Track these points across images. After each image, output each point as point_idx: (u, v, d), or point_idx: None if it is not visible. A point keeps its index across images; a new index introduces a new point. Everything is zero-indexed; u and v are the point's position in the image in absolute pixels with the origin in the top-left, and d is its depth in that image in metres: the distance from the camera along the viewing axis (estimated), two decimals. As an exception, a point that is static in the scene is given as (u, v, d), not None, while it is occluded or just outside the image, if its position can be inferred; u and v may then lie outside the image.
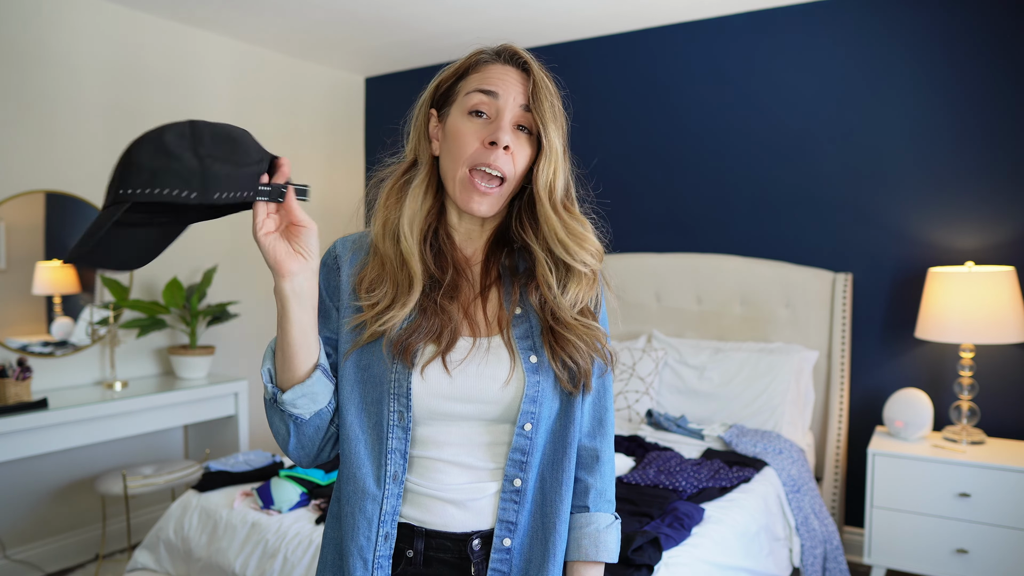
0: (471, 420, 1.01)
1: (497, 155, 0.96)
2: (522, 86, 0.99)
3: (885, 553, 2.73)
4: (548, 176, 0.98)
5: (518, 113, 0.98)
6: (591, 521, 1.07)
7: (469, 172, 0.97)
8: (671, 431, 2.96)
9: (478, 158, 0.97)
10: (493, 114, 0.98)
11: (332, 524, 1.07)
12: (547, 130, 0.98)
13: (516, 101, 0.98)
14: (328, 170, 4.35)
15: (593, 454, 1.09)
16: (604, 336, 1.04)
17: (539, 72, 1.00)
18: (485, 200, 0.98)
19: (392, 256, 1.00)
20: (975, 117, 2.88)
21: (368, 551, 0.99)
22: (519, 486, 1.01)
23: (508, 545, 1.01)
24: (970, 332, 2.65)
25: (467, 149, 0.97)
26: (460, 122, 0.99)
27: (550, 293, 1.00)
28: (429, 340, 0.98)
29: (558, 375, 1.01)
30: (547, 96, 0.99)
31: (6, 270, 2.96)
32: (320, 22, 3.50)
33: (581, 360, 1.01)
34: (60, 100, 3.07)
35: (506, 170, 0.97)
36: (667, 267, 3.46)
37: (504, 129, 0.96)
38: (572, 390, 1.02)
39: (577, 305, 1.02)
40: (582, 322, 1.02)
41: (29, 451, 2.65)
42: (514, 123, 0.98)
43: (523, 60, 1.01)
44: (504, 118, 0.97)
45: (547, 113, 0.98)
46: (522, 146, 0.99)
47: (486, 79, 0.99)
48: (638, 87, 3.62)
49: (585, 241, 1.01)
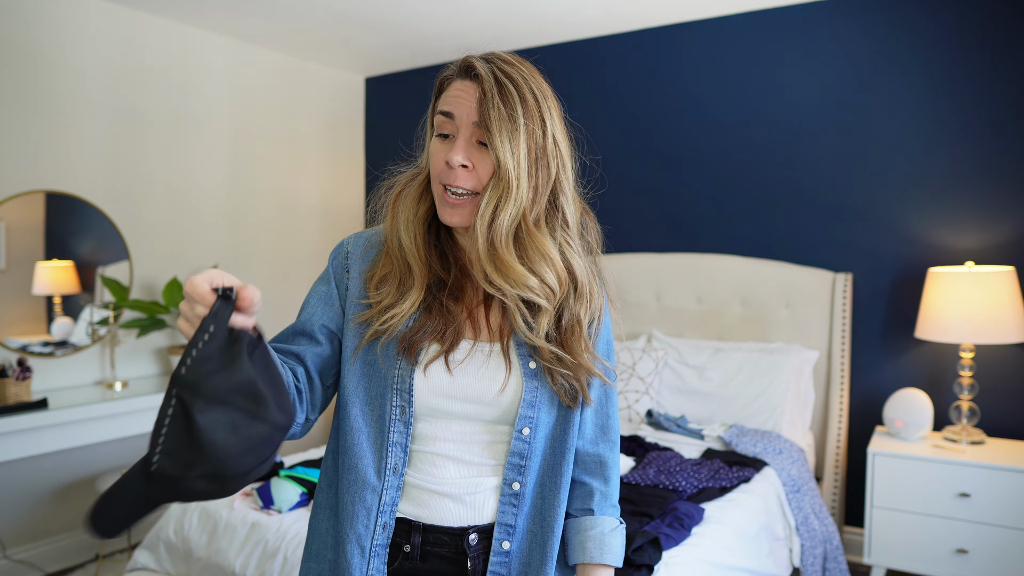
0: (470, 419, 1.02)
1: (456, 175, 0.96)
2: (475, 100, 0.95)
3: (885, 553, 2.73)
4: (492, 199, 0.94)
5: (473, 130, 0.95)
6: (596, 524, 1.09)
7: (443, 188, 0.98)
8: (671, 431, 2.96)
9: (443, 177, 0.97)
10: (455, 133, 0.97)
11: (320, 515, 1.08)
12: (494, 145, 0.93)
13: (469, 118, 0.95)
14: (328, 170, 4.34)
15: (598, 459, 1.11)
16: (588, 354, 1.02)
17: (490, 81, 0.94)
18: (456, 211, 0.97)
19: (398, 256, 1.03)
20: (975, 117, 2.88)
21: (366, 539, 1.01)
22: (517, 490, 1.03)
23: (507, 548, 1.02)
24: (970, 332, 2.65)
25: (436, 169, 0.99)
26: (433, 143, 1.00)
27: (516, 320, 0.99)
28: (433, 339, 1.01)
29: (555, 389, 1.03)
30: (497, 107, 0.92)
31: (6, 270, 2.96)
32: (320, 22, 3.50)
33: (573, 381, 1.02)
34: (61, 100, 3.07)
35: (468, 186, 0.96)
36: (667, 267, 3.46)
37: (457, 149, 0.95)
38: (571, 404, 1.04)
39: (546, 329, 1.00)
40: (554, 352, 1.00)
41: (29, 451, 2.65)
42: (473, 140, 0.96)
43: (474, 71, 0.96)
44: (459, 138, 0.96)
45: (494, 126, 0.92)
46: (484, 161, 0.95)
47: (446, 100, 0.98)
48: (638, 87, 3.62)
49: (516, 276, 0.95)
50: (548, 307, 0.98)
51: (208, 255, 3.66)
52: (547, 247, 0.97)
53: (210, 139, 3.68)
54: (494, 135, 0.92)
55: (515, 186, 0.93)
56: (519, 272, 0.95)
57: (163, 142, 3.46)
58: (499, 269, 0.95)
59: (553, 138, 0.98)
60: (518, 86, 0.95)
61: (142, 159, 3.38)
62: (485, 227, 0.94)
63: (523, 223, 0.96)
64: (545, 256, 0.97)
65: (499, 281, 0.95)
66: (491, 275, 0.95)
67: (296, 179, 4.14)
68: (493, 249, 0.95)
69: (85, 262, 3.21)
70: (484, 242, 0.94)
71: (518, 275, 0.95)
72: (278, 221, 4.04)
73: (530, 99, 0.95)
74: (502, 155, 0.92)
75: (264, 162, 3.96)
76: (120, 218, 3.29)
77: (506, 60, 0.98)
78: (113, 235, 3.26)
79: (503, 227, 0.94)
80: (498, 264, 0.95)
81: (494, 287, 0.97)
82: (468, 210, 0.97)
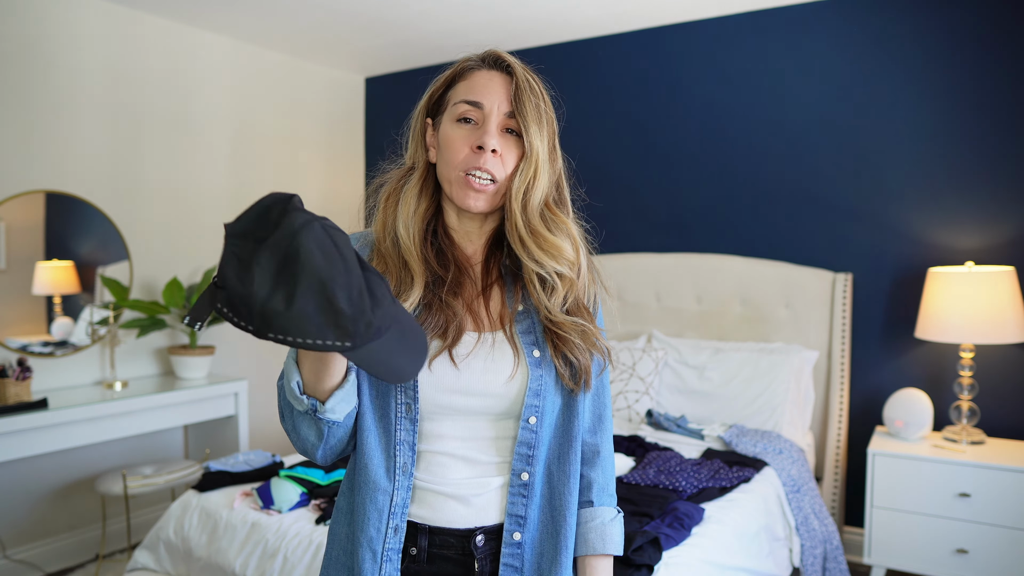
0: (476, 414, 1.03)
1: (486, 159, 0.99)
2: (507, 91, 1.02)
3: (885, 553, 2.73)
4: (524, 181, 1.01)
5: (503, 119, 1.01)
6: (596, 515, 1.10)
7: (464, 175, 1.01)
8: (671, 431, 2.96)
9: (469, 162, 1.00)
10: (480, 120, 1.01)
11: (339, 519, 1.08)
12: (529, 133, 1.01)
13: (501, 108, 1.01)
14: (328, 170, 4.35)
15: (594, 449, 1.12)
16: (599, 333, 1.07)
17: (523, 75, 1.02)
18: (480, 197, 1.01)
19: (393, 255, 1.04)
20: (975, 117, 2.88)
21: (377, 543, 1.00)
22: (527, 480, 1.03)
23: (518, 539, 1.02)
24: (970, 332, 2.65)
25: (459, 155, 1.01)
26: (451, 129, 1.02)
27: (536, 294, 1.04)
28: (435, 335, 1.01)
29: (560, 371, 1.04)
30: (531, 99, 1.01)
31: (6, 270, 2.96)
32: (320, 22, 3.50)
33: (581, 356, 1.04)
34: (60, 100, 3.07)
35: (495, 172, 1.00)
36: (667, 267, 3.46)
37: (490, 134, 1.00)
38: (574, 387, 1.05)
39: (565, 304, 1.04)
40: (574, 321, 1.04)
41: (29, 451, 2.65)
42: (501, 127, 1.02)
43: (507, 64, 1.04)
44: (491, 123, 1.00)
45: (530, 115, 1.01)
46: (511, 149, 1.02)
47: (471, 88, 1.02)
48: (638, 87, 3.62)
49: (554, 249, 1.02)
50: (574, 276, 1.04)
51: (208, 255, 3.66)
52: (567, 223, 1.05)
53: (210, 139, 3.68)
54: (530, 123, 1.00)
55: (542, 171, 1.02)
56: (557, 244, 1.02)
57: (163, 142, 3.46)
58: (539, 243, 1.01)
59: (558, 134, 1.07)
60: (539, 83, 1.05)
61: (142, 159, 3.38)
62: (520, 207, 1.01)
63: (546, 204, 1.04)
64: (567, 232, 1.04)
65: (541, 255, 1.01)
66: (532, 249, 1.01)
67: (296, 179, 4.14)
68: (531, 226, 1.02)
69: (85, 262, 3.21)
70: (522, 220, 1.01)
71: (557, 247, 1.02)
72: (278, 221, 4.04)
73: (546, 97, 1.05)
74: (535, 141, 1.01)
75: (264, 162, 3.96)
76: (120, 218, 3.29)
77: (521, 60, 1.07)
78: (113, 235, 3.26)
79: (536, 206, 1.02)
80: (538, 239, 1.01)
81: (536, 262, 1.02)
82: (490, 195, 1.01)
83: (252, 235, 0.78)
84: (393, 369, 0.82)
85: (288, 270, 0.75)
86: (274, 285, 0.75)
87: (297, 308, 0.74)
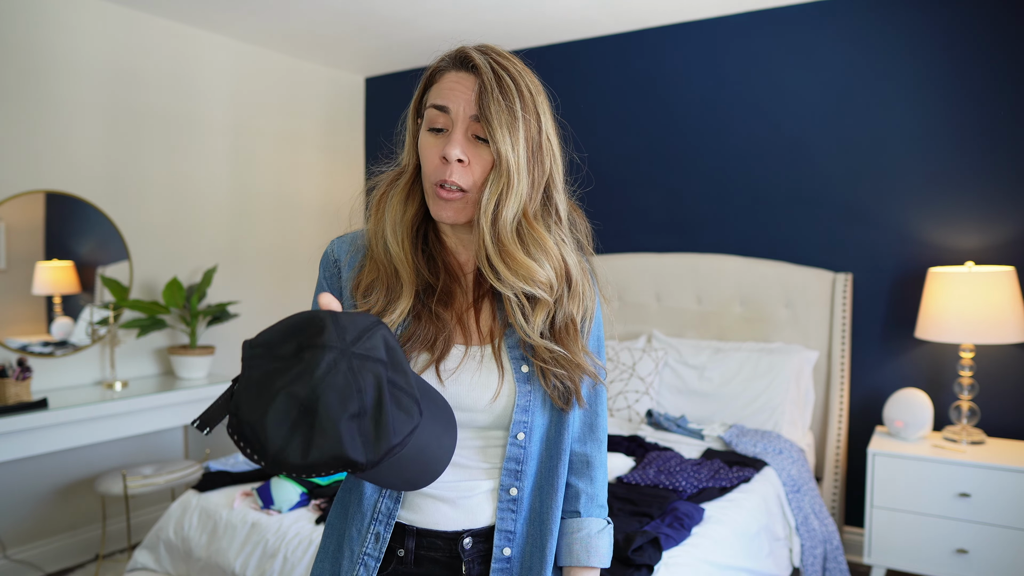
0: (463, 426, 1.01)
1: (451, 170, 0.93)
2: (474, 93, 0.93)
3: (885, 553, 2.73)
4: (494, 193, 0.92)
5: (469, 124, 0.93)
6: (582, 527, 1.08)
7: (435, 186, 0.95)
8: (671, 431, 2.96)
9: (436, 175, 0.94)
10: (449, 127, 0.95)
11: (336, 512, 1.09)
12: (495, 139, 0.91)
13: (467, 111, 0.93)
14: (328, 170, 4.34)
15: (584, 459, 1.09)
16: (583, 353, 1.02)
17: (489, 73, 0.92)
18: (448, 206, 0.95)
19: (384, 260, 1.00)
20: (975, 117, 2.88)
21: (356, 543, 1.01)
22: (515, 495, 1.02)
23: (508, 555, 1.02)
24: (970, 332, 2.65)
25: (429, 165, 0.95)
26: (424, 138, 0.97)
27: (513, 315, 0.98)
28: (423, 348, 0.98)
29: (548, 392, 1.01)
30: (498, 100, 0.91)
31: (6, 270, 2.96)
32: (320, 22, 3.50)
33: (567, 382, 1.00)
34: (60, 100, 3.07)
35: (463, 183, 0.94)
36: (667, 267, 3.46)
37: (453, 143, 0.92)
38: (564, 407, 1.02)
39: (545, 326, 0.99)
40: (549, 348, 0.98)
41: (29, 451, 2.65)
42: (469, 134, 0.94)
43: (472, 62, 0.94)
44: (455, 132, 0.93)
45: (497, 119, 0.91)
46: (480, 156, 0.94)
47: (440, 92, 0.95)
48: (638, 87, 3.62)
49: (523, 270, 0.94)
50: (548, 299, 0.97)
51: (208, 255, 3.66)
52: (547, 240, 0.96)
53: (210, 139, 3.68)
54: (495, 128, 0.91)
55: (516, 179, 0.93)
56: (528, 265, 0.94)
57: (163, 142, 3.46)
58: (508, 264, 0.94)
59: (546, 133, 0.97)
60: (514, 79, 0.94)
61: (142, 159, 3.38)
62: (489, 222, 0.93)
63: (524, 217, 0.95)
64: (545, 249, 0.96)
65: (509, 276, 0.94)
66: (500, 270, 0.94)
67: (296, 179, 4.14)
68: (500, 244, 0.94)
69: (85, 262, 3.21)
70: (490, 237, 0.93)
71: (527, 268, 0.94)
72: (278, 221, 4.04)
73: (526, 93, 0.94)
74: (503, 148, 0.91)
75: (264, 162, 3.96)
76: (120, 218, 3.29)
77: (500, 53, 0.96)
78: (113, 235, 3.26)
79: (508, 221, 0.93)
80: (506, 259, 0.94)
81: (503, 283, 0.95)
82: (461, 205, 0.95)
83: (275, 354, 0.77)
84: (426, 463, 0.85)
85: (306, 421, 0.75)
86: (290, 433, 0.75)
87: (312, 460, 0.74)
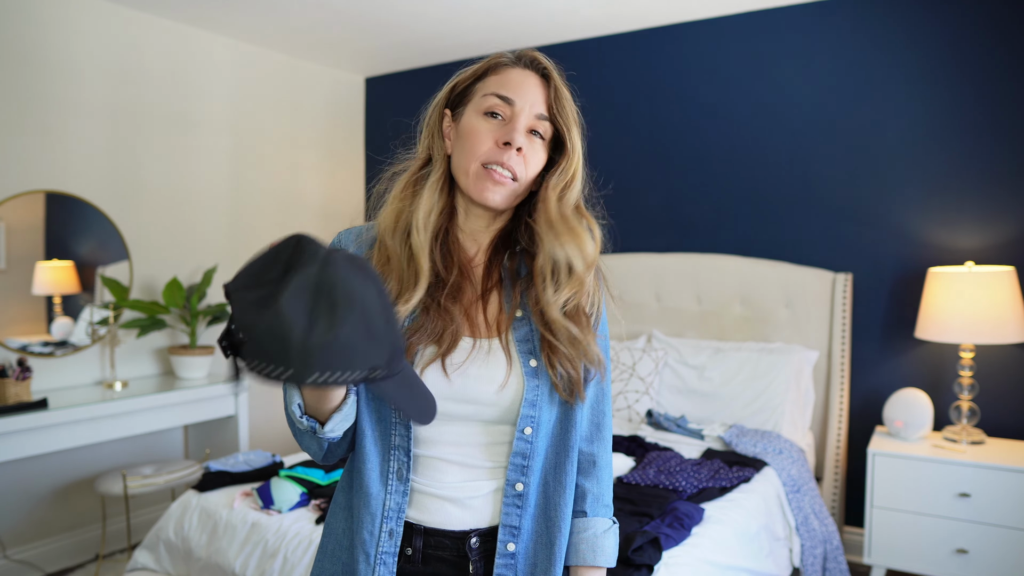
0: (469, 420, 1.01)
1: (510, 155, 0.98)
2: (540, 93, 1.01)
3: (885, 553, 2.73)
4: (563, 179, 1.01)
5: (533, 120, 1.00)
6: (588, 526, 1.08)
7: (483, 167, 0.99)
8: (671, 431, 2.96)
9: (491, 156, 0.99)
10: (508, 117, 1.00)
11: (337, 515, 1.08)
12: (571, 133, 1.01)
13: (532, 108, 1.00)
14: (328, 170, 4.34)
15: (591, 459, 1.10)
16: (593, 340, 1.03)
17: (559, 79, 1.03)
18: (499, 189, 0.99)
19: (399, 251, 1.01)
20: (975, 117, 2.88)
21: (371, 545, 1.00)
22: (521, 490, 1.02)
23: (512, 550, 1.01)
24: (970, 332, 2.65)
25: (481, 147, 0.99)
26: (475, 121, 1.01)
27: (542, 285, 1.01)
28: (430, 341, 0.99)
29: (555, 383, 1.02)
30: (568, 103, 1.02)
31: (6, 270, 2.96)
32: (320, 22, 3.50)
33: (572, 369, 1.01)
34: (60, 100, 3.07)
35: (518, 171, 0.99)
36: (667, 267, 3.46)
37: (519, 131, 0.98)
38: (568, 399, 1.03)
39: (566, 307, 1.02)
40: (566, 325, 1.01)
41: (29, 451, 2.65)
42: (528, 128, 1.00)
43: (543, 66, 1.03)
44: (519, 121, 0.99)
45: (570, 117, 1.02)
46: (535, 151, 1.01)
47: (504, 84, 1.01)
48: (638, 87, 3.62)
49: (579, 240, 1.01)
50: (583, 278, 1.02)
51: (208, 255, 3.66)
52: (596, 227, 1.05)
53: (210, 139, 3.68)
54: (571, 125, 1.02)
55: (580, 172, 1.03)
56: (583, 237, 1.01)
57: (163, 142, 3.46)
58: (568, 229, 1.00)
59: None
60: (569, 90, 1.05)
61: (142, 159, 3.38)
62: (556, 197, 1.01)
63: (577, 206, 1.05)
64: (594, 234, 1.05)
65: (566, 239, 1.00)
66: (561, 233, 0.99)
67: (296, 179, 4.14)
68: (563, 213, 1.01)
69: (85, 262, 3.21)
70: (555, 207, 1.01)
71: (582, 238, 1.01)
72: (278, 221, 4.04)
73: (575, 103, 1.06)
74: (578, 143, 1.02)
75: (264, 162, 3.96)
76: (120, 218, 3.29)
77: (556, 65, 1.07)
78: (113, 235, 3.26)
79: (571, 202, 1.02)
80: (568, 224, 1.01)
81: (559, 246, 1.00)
82: (509, 191, 1.00)
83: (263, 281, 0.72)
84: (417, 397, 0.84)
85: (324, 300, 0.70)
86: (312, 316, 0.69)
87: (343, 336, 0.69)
